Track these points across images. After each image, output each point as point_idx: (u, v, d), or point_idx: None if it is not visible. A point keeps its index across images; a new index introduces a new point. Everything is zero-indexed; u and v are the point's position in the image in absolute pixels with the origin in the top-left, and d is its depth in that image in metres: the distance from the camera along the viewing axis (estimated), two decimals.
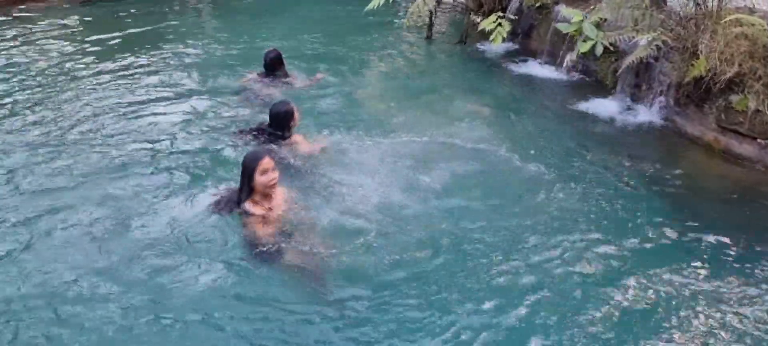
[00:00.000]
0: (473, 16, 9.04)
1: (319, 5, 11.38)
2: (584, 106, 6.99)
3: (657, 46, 6.31)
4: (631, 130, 6.47)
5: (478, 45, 9.08)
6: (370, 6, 8.92)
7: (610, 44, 7.04)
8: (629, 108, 6.86)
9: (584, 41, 7.12)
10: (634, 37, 6.60)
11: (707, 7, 6.22)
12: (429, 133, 6.15)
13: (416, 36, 9.66)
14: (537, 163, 5.61)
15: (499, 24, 8.18)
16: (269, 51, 7.18)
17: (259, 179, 4.04)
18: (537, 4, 8.51)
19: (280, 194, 4.30)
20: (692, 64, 5.99)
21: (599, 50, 7.07)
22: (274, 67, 7.10)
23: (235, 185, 4.39)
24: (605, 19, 7.21)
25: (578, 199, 5.00)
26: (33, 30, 9.15)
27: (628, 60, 6.52)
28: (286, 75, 7.21)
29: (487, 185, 5.22)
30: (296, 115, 5.49)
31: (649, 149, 6.08)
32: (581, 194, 5.08)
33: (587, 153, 5.87)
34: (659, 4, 6.81)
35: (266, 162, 4.05)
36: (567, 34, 7.60)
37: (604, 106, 6.92)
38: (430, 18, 9.33)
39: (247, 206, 4.12)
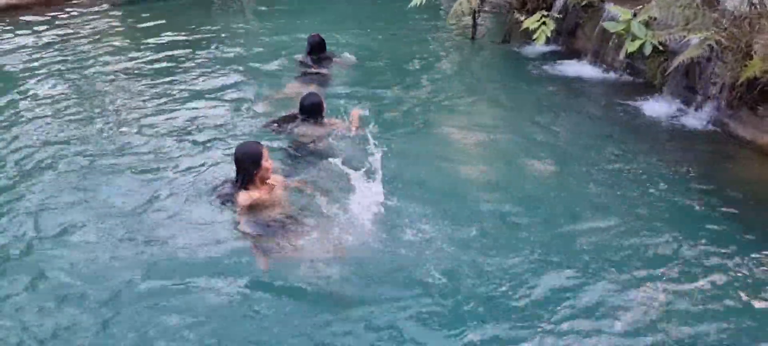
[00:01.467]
0: (517, 15, 8.89)
1: (362, 3, 11.39)
2: (631, 107, 6.80)
3: (709, 46, 6.09)
4: (681, 132, 6.27)
5: (522, 44, 8.93)
6: (413, 3, 8.87)
7: (660, 43, 6.84)
8: (679, 110, 6.65)
9: (632, 40, 6.92)
10: (684, 37, 6.38)
11: (763, 6, 5.99)
12: (470, 133, 6.09)
13: (459, 35, 9.57)
14: (582, 165, 5.50)
15: (544, 23, 8.03)
16: (313, 35, 7.54)
17: (265, 165, 4.23)
18: (583, 3, 8.31)
19: (279, 181, 4.47)
20: (746, 65, 5.77)
21: (648, 50, 6.87)
22: (317, 50, 7.45)
23: None
24: (655, 18, 6.99)
25: (625, 204, 4.87)
26: (75, 27, 9.38)
27: (678, 60, 6.31)
28: (330, 58, 7.57)
29: (529, 187, 5.14)
30: (324, 105, 5.75)
31: (700, 153, 5.88)
32: (628, 199, 4.94)
33: (634, 156, 5.71)
34: (712, 3, 6.58)
35: (265, 150, 4.28)
36: (613, 33, 7.41)
37: (653, 108, 6.73)
38: (474, 17, 9.23)
39: (243, 196, 4.22)
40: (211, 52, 8.48)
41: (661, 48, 6.90)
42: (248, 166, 4.23)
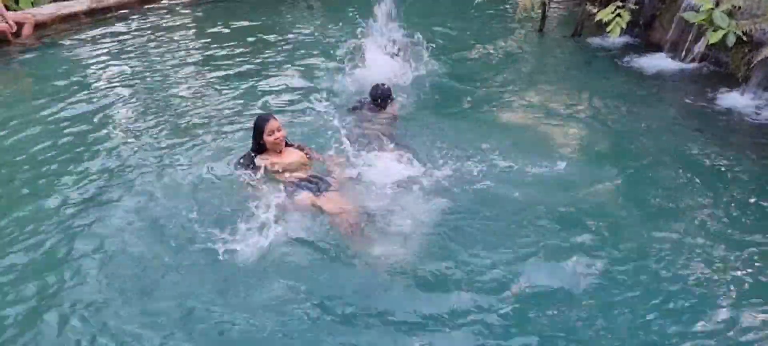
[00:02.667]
0: (589, 7, 8.64)
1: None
2: (713, 100, 6.49)
3: None
4: (766, 127, 5.93)
5: (594, 37, 8.66)
6: None
7: (744, 34, 6.49)
8: (765, 102, 6.29)
9: (714, 31, 6.60)
10: None
11: None
12: (538, 127, 5.96)
13: (528, 28, 9.37)
14: (659, 162, 5.28)
15: (618, 14, 7.77)
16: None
17: (267, 139, 4.64)
18: None
19: (293, 152, 4.80)
20: None
21: (731, 40, 6.54)
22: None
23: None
24: (739, 7, 6.65)
25: (704, 205, 4.65)
26: (150, 27, 9.72)
27: (766, 51, 5.98)
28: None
29: (602, 183, 4.97)
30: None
31: None
32: (709, 197, 4.72)
33: (719, 151, 5.44)
34: None
35: (272, 124, 4.65)
36: (693, 23, 7.08)
37: (736, 101, 6.41)
38: (543, 9, 9.02)
39: (259, 159, 4.64)
40: (279, 47, 8.62)
41: (745, 38, 6.55)
42: (255, 135, 4.72)
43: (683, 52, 7.50)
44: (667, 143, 5.63)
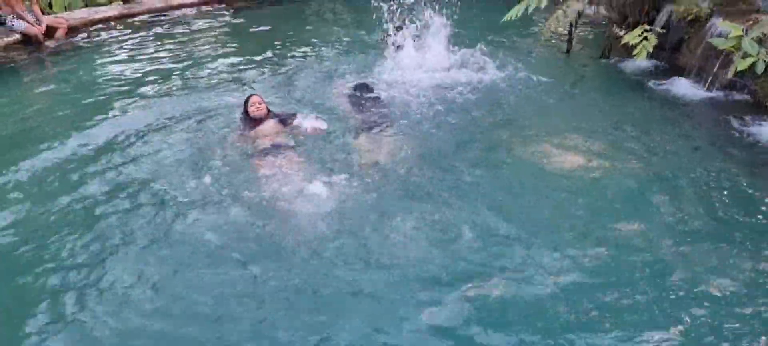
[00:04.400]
0: (616, 30, 8.59)
1: (455, 14, 11.34)
2: (741, 130, 6.36)
3: None
4: None
5: (621, 60, 8.60)
6: (507, 17, 8.70)
7: None
8: None
9: (743, 58, 6.50)
10: None
11: None
12: (560, 149, 5.91)
13: (554, 50, 9.33)
14: (681, 197, 5.18)
15: (645, 38, 7.70)
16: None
17: (250, 109, 6.07)
18: (689, 17, 7.92)
19: (269, 121, 6.05)
20: None
21: (760, 68, 6.43)
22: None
23: None
24: None
25: (730, 237, 4.53)
26: (178, 32, 9.96)
27: None
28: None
29: (623, 210, 4.90)
30: None
31: None
32: (733, 232, 4.60)
33: (743, 187, 5.31)
34: None
35: (254, 99, 6.14)
36: (721, 50, 6.98)
37: (763, 131, 6.27)
38: (570, 31, 8.98)
39: (242, 123, 6.12)
40: (306, 49, 9.02)
41: None
42: (243, 109, 6.14)
43: (710, 79, 7.41)
44: (693, 173, 5.52)
